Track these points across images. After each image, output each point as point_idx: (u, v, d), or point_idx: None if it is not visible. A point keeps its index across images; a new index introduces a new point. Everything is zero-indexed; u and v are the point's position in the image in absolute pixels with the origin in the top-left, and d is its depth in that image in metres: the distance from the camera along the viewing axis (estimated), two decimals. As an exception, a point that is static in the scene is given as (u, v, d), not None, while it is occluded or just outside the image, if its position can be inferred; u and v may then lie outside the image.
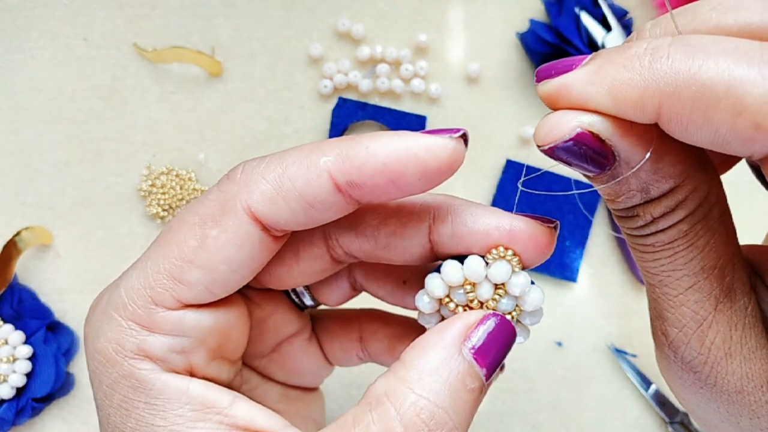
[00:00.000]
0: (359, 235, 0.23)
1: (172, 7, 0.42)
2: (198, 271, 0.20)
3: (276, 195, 0.20)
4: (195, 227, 0.21)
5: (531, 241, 0.21)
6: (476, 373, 0.20)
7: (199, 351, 0.22)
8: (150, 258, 0.21)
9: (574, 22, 0.40)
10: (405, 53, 0.41)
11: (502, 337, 0.20)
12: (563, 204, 0.40)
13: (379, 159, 0.19)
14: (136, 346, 0.21)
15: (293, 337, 0.27)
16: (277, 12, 0.42)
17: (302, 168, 0.20)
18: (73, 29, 0.42)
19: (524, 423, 0.39)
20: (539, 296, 0.21)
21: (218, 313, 0.22)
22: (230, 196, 0.20)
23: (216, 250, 0.20)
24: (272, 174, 0.20)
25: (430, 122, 0.41)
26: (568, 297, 0.40)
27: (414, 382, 0.19)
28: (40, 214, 0.40)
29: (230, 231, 0.20)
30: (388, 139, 0.19)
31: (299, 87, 0.42)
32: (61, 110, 0.41)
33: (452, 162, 0.19)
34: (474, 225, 0.21)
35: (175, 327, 0.21)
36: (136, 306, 0.21)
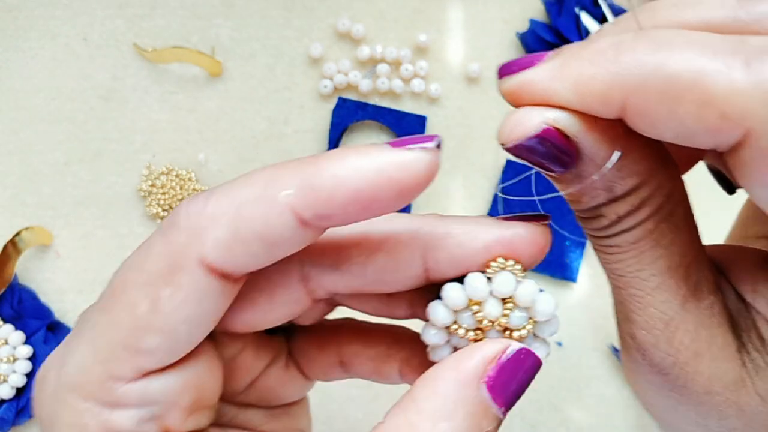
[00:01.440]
0: (344, 274, 0.20)
1: (172, 7, 0.42)
2: (155, 336, 0.18)
3: (232, 241, 0.17)
4: (143, 287, 0.18)
5: (532, 246, 0.20)
6: (493, 414, 0.18)
7: (173, 413, 0.20)
8: (96, 327, 0.19)
9: (574, 22, 0.40)
10: (405, 53, 0.41)
11: (524, 369, 0.19)
12: (563, 203, 0.40)
13: (349, 187, 0.17)
14: (101, 426, 0.18)
15: (268, 368, 0.24)
16: (277, 12, 0.42)
17: (259, 207, 0.17)
18: (73, 29, 0.42)
19: (524, 423, 0.39)
20: (551, 303, 0.19)
21: (186, 370, 0.20)
22: (179, 248, 0.18)
23: (172, 311, 0.18)
24: (224, 217, 0.17)
25: (430, 122, 0.41)
26: (568, 297, 0.40)
27: (426, 429, 0.17)
28: (40, 214, 0.40)
29: (185, 288, 0.18)
30: (356, 160, 0.17)
31: (299, 87, 0.42)
32: (61, 110, 0.41)
33: (429, 176, 0.17)
34: (472, 244, 0.19)
35: (141, 398, 0.19)
36: (91, 384, 0.18)
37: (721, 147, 0.16)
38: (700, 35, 0.16)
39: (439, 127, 0.41)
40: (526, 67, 0.17)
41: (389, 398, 0.41)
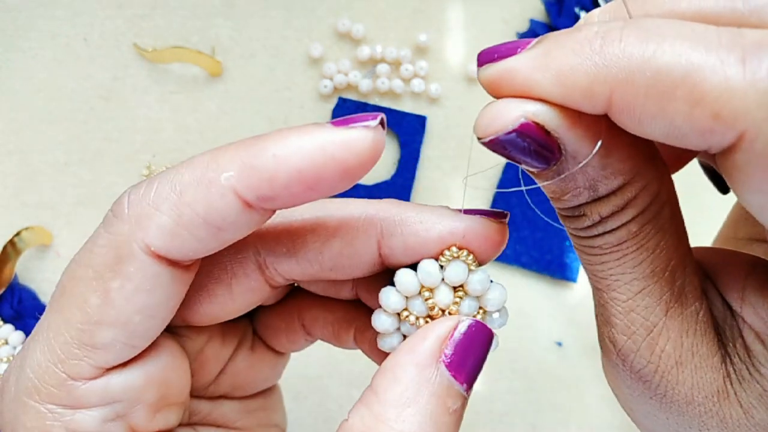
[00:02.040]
0: (300, 260, 0.20)
1: (172, 7, 0.42)
2: (110, 330, 0.18)
3: (176, 227, 0.17)
4: (92, 282, 0.18)
5: (486, 240, 0.19)
6: (457, 391, 0.18)
7: (138, 411, 0.19)
8: (50, 327, 0.18)
9: (574, 22, 0.40)
10: (405, 53, 0.41)
11: (479, 343, 0.19)
12: (563, 204, 0.40)
13: (291, 167, 0.16)
14: (65, 428, 0.18)
15: (235, 354, 0.24)
16: (277, 12, 0.42)
17: (201, 190, 0.17)
18: (74, 29, 0.42)
19: (524, 423, 0.39)
20: (501, 293, 0.19)
21: (148, 365, 0.19)
22: (124, 238, 0.17)
23: (124, 302, 0.17)
24: (166, 203, 0.17)
25: (430, 122, 0.41)
26: (568, 297, 0.40)
27: (392, 418, 0.17)
28: (40, 214, 0.40)
29: (134, 278, 0.17)
30: (297, 140, 0.16)
31: (299, 87, 0.42)
32: (61, 110, 0.41)
33: (373, 154, 0.17)
34: (426, 233, 0.19)
35: (103, 396, 0.18)
36: (50, 386, 0.18)
37: (712, 149, 0.15)
38: (694, 26, 0.14)
39: (439, 127, 0.41)
40: (507, 55, 0.16)
41: (389, 398, 0.41)
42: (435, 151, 0.41)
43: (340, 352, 0.39)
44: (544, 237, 0.40)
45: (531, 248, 0.40)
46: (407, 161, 0.40)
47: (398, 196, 0.40)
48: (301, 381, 0.39)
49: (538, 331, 0.40)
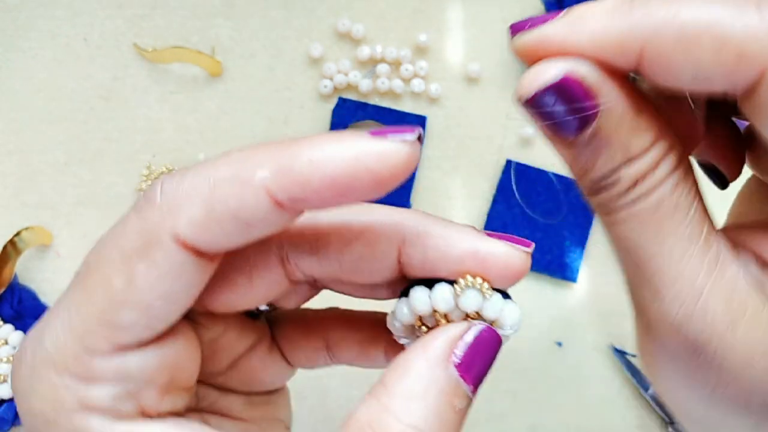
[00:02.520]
0: (322, 259, 0.21)
1: (172, 7, 0.42)
2: (132, 312, 0.18)
3: (207, 219, 0.17)
4: (118, 264, 0.18)
5: (505, 268, 0.19)
6: (463, 392, 0.18)
7: (148, 391, 0.19)
8: (72, 303, 0.19)
9: (574, 22, 0.40)
10: (405, 53, 0.41)
11: (488, 348, 0.19)
12: (563, 204, 0.40)
13: (326, 173, 0.17)
14: (77, 400, 0.18)
15: (250, 351, 0.24)
16: (277, 12, 0.42)
17: (235, 187, 0.17)
18: (74, 29, 0.42)
19: (524, 423, 0.39)
20: (515, 315, 0.20)
21: (164, 348, 0.20)
22: (154, 225, 0.18)
23: (148, 286, 0.18)
24: (199, 195, 0.17)
25: (430, 122, 0.41)
26: (568, 297, 0.40)
27: (399, 410, 0.18)
28: (40, 214, 0.40)
29: (160, 264, 0.18)
30: (334, 147, 0.17)
31: (299, 87, 0.42)
32: (61, 110, 0.41)
33: (407, 169, 0.17)
34: (447, 250, 0.19)
35: (118, 373, 0.19)
36: (68, 358, 0.18)
37: (737, 88, 0.16)
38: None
39: (439, 127, 0.41)
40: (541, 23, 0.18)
41: (389, 398, 0.41)
42: (435, 151, 0.41)
43: (340, 352, 0.39)
44: (544, 237, 0.40)
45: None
46: (407, 161, 0.40)
47: (398, 196, 0.40)
48: (301, 381, 0.39)
49: (538, 331, 0.40)
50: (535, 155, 0.41)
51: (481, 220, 0.41)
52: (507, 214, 0.40)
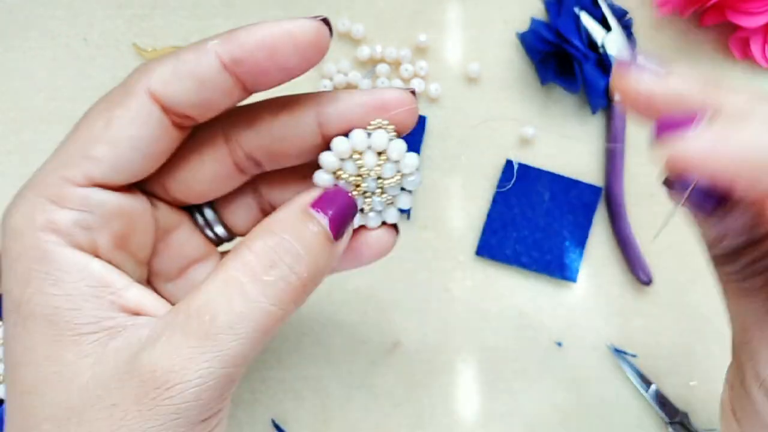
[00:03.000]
0: (256, 131, 0.25)
1: (171, 7, 0.42)
2: (104, 147, 0.22)
3: (171, 76, 0.22)
4: (102, 111, 0.22)
5: (401, 104, 0.24)
6: (318, 220, 0.23)
7: (103, 231, 0.23)
8: (64, 143, 0.23)
9: (574, 22, 0.40)
10: (405, 53, 0.41)
11: (340, 199, 0.24)
12: (563, 204, 0.40)
13: (258, 36, 0.22)
14: (45, 219, 0.21)
15: (200, 262, 0.27)
16: (277, 12, 0.42)
17: (193, 51, 0.22)
18: (73, 29, 0.42)
19: (524, 423, 0.39)
20: (415, 158, 0.24)
21: (123, 198, 0.23)
22: (133, 82, 0.22)
23: (120, 127, 0.22)
24: (169, 60, 0.22)
25: (429, 122, 0.41)
26: (568, 297, 0.40)
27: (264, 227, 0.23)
28: (40, 214, 0.40)
29: (133, 110, 0.22)
30: (267, 23, 0.22)
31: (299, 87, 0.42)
32: (61, 110, 0.41)
33: (319, 38, 0.22)
34: (354, 101, 0.24)
35: (82, 202, 0.22)
36: (47, 183, 0.22)
37: None
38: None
39: (439, 127, 0.42)
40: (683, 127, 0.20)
41: (387, 399, 0.42)
42: (435, 151, 0.41)
43: (340, 352, 0.39)
44: (543, 237, 0.40)
45: (531, 248, 0.40)
46: (407, 161, 0.40)
47: (398, 196, 0.40)
48: (301, 381, 0.39)
49: (538, 331, 0.40)
50: (535, 155, 0.41)
51: (480, 219, 0.41)
52: (507, 214, 0.40)
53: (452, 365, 0.39)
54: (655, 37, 0.43)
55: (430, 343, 0.40)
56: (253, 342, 0.21)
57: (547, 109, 0.42)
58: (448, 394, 0.39)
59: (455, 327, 0.40)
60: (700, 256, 0.41)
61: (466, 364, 0.39)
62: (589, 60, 0.39)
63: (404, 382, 0.39)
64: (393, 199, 0.25)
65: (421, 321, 0.40)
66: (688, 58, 0.42)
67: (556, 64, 0.40)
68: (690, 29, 0.43)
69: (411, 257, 0.40)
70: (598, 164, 0.41)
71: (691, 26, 0.43)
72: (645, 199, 0.41)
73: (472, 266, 0.40)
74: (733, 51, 0.42)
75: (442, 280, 0.40)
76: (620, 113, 0.40)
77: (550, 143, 0.42)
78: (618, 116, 0.40)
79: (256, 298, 0.21)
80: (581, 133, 0.42)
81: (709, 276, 0.41)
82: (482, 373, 0.39)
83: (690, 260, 0.41)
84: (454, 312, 0.40)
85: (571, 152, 0.42)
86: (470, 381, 0.39)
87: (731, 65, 0.43)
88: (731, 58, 0.42)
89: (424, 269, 0.40)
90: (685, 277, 0.41)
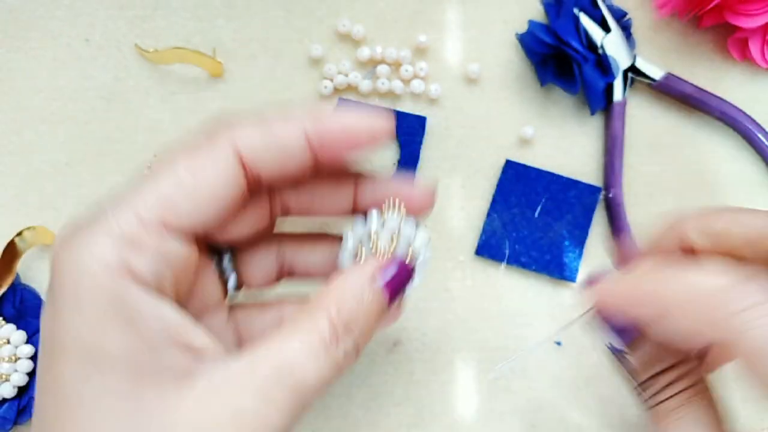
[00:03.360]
0: (299, 191, 0.27)
1: (173, 8, 0.42)
2: (185, 196, 0.22)
3: (260, 141, 0.23)
4: (184, 158, 0.23)
5: (419, 197, 0.27)
6: (382, 293, 0.24)
7: (167, 277, 0.22)
8: (137, 187, 0.22)
9: (573, 23, 0.40)
10: (405, 54, 0.41)
11: (400, 274, 0.25)
12: (562, 204, 0.41)
13: (344, 121, 0.24)
14: (122, 262, 0.21)
15: (214, 309, 0.27)
16: (278, 13, 0.42)
17: (282, 122, 0.23)
18: (75, 30, 0.42)
19: (524, 423, 0.39)
20: (424, 237, 0.27)
21: (186, 247, 0.23)
22: (218, 136, 0.23)
23: (203, 178, 0.22)
24: (256, 124, 0.23)
25: (429, 122, 0.41)
26: (568, 297, 0.41)
27: (338, 293, 0.24)
28: (42, 214, 0.40)
29: (218, 164, 0.23)
30: (349, 112, 0.25)
31: (300, 88, 0.42)
32: (62, 110, 0.41)
33: (388, 132, 0.25)
34: (386, 187, 0.27)
35: (158, 247, 0.22)
36: (122, 224, 0.21)
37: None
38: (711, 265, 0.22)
39: (439, 128, 0.42)
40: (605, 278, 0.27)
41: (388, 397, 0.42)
42: (434, 151, 0.42)
43: (340, 352, 0.39)
44: (543, 237, 0.40)
45: (530, 248, 0.40)
46: (407, 161, 0.41)
47: (398, 197, 0.40)
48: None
49: (537, 331, 0.40)
50: (535, 155, 0.42)
51: (480, 219, 0.41)
52: (506, 214, 0.40)
53: (452, 364, 0.40)
54: (654, 39, 0.43)
55: (429, 343, 0.40)
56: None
57: (546, 110, 0.42)
58: (448, 393, 0.39)
59: (455, 326, 0.40)
60: (698, 256, 0.41)
61: (465, 364, 0.40)
62: (589, 61, 0.39)
63: (404, 381, 0.39)
64: None
65: (421, 321, 0.40)
66: (687, 60, 0.43)
67: (555, 66, 0.40)
68: (689, 30, 0.43)
69: (411, 257, 0.41)
70: (597, 164, 0.42)
71: (690, 27, 0.43)
72: (644, 199, 0.41)
73: (472, 266, 0.41)
74: (732, 52, 0.42)
75: (442, 280, 0.40)
76: (619, 114, 0.41)
77: (549, 144, 0.42)
78: (617, 117, 0.41)
79: (322, 366, 0.22)
80: (580, 134, 0.42)
81: (707, 276, 0.41)
82: (482, 373, 0.40)
83: (689, 260, 0.41)
84: (453, 311, 0.40)
85: (570, 152, 0.42)
86: (470, 380, 0.39)
87: (730, 66, 0.43)
88: (730, 60, 0.43)
89: (424, 269, 0.40)
90: (684, 277, 0.41)
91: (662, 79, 0.41)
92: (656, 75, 0.41)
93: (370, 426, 0.39)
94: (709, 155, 0.42)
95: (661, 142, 0.42)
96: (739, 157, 0.42)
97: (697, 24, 0.43)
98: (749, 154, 0.42)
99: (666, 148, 0.42)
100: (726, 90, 0.42)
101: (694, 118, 0.42)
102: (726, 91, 0.42)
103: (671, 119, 0.42)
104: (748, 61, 0.42)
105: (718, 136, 0.42)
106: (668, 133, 0.42)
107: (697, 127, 0.42)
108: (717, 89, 0.41)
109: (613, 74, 0.40)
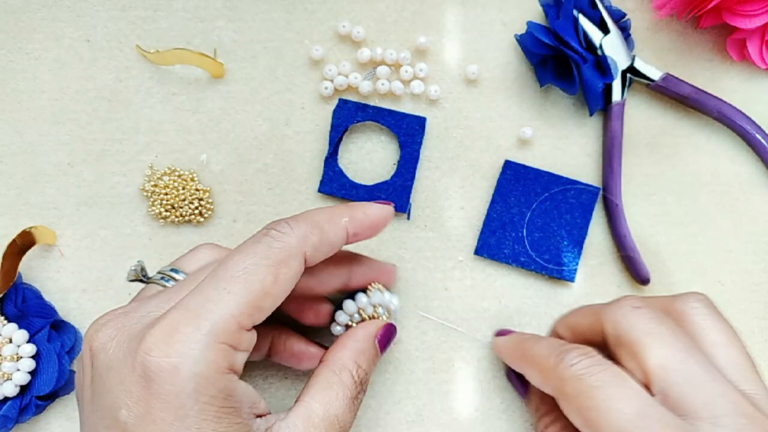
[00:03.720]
0: (309, 274, 0.33)
1: (174, 9, 0.42)
2: (271, 301, 0.28)
3: (319, 243, 0.30)
4: (270, 268, 0.27)
5: (391, 276, 0.37)
6: (378, 351, 0.34)
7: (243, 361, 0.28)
8: (232, 289, 0.27)
9: (572, 24, 0.40)
10: (405, 55, 0.42)
11: (391, 332, 0.35)
12: (561, 203, 0.41)
13: (371, 218, 0.32)
14: (229, 363, 0.26)
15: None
16: (279, 14, 0.43)
17: (333, 227, 0.30)
18: (77, 31, 0.42)
19: (524, 422, 0.40)
20: (397, 301, 0.37)
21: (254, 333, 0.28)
22: (294, 246, 0.29)
23: (284, 283, 0.28)
24: (315, 230, 0.30)
25: (429, 123, 0.42)
26: (566, 297, 0.41)
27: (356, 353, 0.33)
28: (44, 213, 0.40)
29: (294, 270, 0.28)
30: (372, 206, 0.33)
31: (300, 89, 0.42)
32: (64, 111, 0.41)
33: (392, 215, 0.34)
34: (370, 269, 0.36)
35: (248, 345, 0.27)
36: (230, 332, 0.26)
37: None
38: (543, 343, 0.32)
39: (439, 128, 0.42)
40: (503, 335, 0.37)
41: (387, 396, 0.42)
42: (434, 151, 0.42)
43: (340, 351, 0.39)
44: (542, 237, 0.40)
45: (529, 248, 0.40)
46: (407, 162, 0.41)
47: (398, 196, 0.40)
48: (302, 381, 0.40)
49: (536, 330, 0.40)
50: (534, 156, 0.42)
51: (479, 219, 0.41)
52: (505, 214, 0.41)
53: (451, 363, 0.40)
54: (652, 39, 0.43)
55: (429, 342, 0.40)
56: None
57: (545, 111, 0.42)
58: (448, 392, 0.40)
59: (455, 326, 0.40)
60: (696, 256, 0.41)
61: (465, 363, 0.40)
62: (587, 62, 0.39)
63: (404, 380, 0.40)
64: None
65: (421, 320, 0.40)
66: (686, 60, 0.43)
67: (554, 67, 0.40)
68: (687, 31, 0.43)
69: (411, 257, 0.41)
70: (596, 165, 0.42)
71: (689, 28, 0.43)
72: (642, 199, 0.42)
73: (471, 266, 0.41)
74: (731, 53, 0.42)
75: (442, 280, 0.41)
76: (618, 114, 0.41)
77: (548, 144, 0.42)
78: (616, 117, 0.41)
79: (352, 411, 0.30)
80: (579, 134, 0.42)
81: (706, 275, 0.41)
82: (481, 372, 0.40)
83: (687, 259, 0.41)
84: (453, 311, 0.40)
85: (569, 153, 0.42)
86: (469, 379, 0.40)
87: (728, 67, 0.43)
88: (729, 60, 0.43)
89: (424, 269, 0.41)
90: (682, 277, 0.41)
91: (661, 79, 0.41)
92: (655, 76, 0.41)
93: (371, 424, 0.39)
94: (707, 155, 0.42)
95: (659, 143, 0.42)
96: (738, 157, 0.42)
97: (695, 25, 0.43)
98: (747, 154, 0.42)
99: (664, 148, 0.42)
100: (724, 90, 0.42)
101: (692, 119, 0.43)
102: (724, 92, 0.42)
103: (670, 119, 0.42)
104: (746, 61, 0.42)
105: (717, 137, 0.42)
106: (667, 134, 0.42)
107: (696, 128, 0.42)
108: (715, 90, 0.42)
109: (611, 75, 0.40)
